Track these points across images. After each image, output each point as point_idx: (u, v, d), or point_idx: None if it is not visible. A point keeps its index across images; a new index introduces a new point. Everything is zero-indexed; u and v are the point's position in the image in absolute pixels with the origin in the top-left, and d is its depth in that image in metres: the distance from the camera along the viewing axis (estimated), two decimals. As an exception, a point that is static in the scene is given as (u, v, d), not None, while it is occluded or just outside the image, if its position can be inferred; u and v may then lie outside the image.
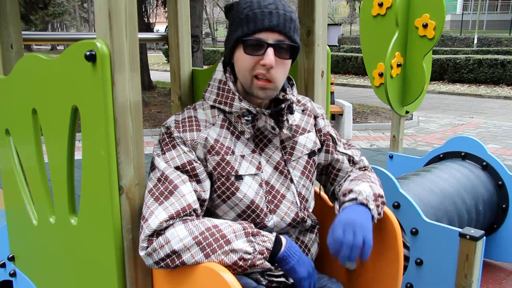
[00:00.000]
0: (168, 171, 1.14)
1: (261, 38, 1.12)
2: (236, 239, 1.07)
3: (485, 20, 28.07)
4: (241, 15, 1.15)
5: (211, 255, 1.05)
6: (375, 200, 1.25)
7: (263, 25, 1.12)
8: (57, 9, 24.15)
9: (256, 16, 1.12)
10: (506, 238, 2.70)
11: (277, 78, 1.16)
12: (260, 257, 1.07)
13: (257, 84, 1.16)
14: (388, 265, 1.34)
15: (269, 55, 1.12)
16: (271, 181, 1.26)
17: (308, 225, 1.33)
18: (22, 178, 1.48)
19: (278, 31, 1.13)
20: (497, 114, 9.24)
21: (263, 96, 1.18)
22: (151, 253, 1.06)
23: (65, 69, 1.14)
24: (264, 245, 1.08)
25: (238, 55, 1.17)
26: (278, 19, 1.12)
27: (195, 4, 8.92)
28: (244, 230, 1.09)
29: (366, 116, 8.50)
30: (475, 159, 2.75)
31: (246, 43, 1.14)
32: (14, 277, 1.63)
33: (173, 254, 1.05)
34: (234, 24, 1.18)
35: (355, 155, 1.42)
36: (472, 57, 13.80)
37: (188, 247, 1.05)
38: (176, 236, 1.06)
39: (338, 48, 19.93)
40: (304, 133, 1.33)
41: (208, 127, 1.21)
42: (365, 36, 3.10)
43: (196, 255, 1.05)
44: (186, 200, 1.11)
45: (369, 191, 1.26)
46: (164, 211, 1.08)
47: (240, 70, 1.18)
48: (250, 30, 1.13)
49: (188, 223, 1.08)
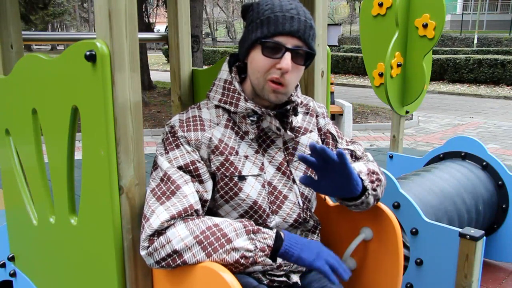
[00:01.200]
0: (170, 171, 1.14)
1: (280, 41, 1.12)
2: (237, 237, 1.07)
3: (485, 20, 28.08)
4: (262, 17, 1.14)
5: (213, 254, 1.05)
6: (368, 175, 1.24)
7: (283, 29, 1.12)
8: (57, 9, 24.14)
9: (277, 19, 1.12)
10: (506, 238, 2.70)
11: (290, 83, 1.16)
12: (262, 254, 1.08)
13: (270, 87, 1.15)
14: (388, 265, 1.34)
15: (286, 59, 1.12)
16: (274, 182, 1.26)
17: (310, 225, 1.33)
18: (22, 178, 1.48)
19: (298, 37, 1.13)
20: (497, 114, 9.24)
21: (274, 99, 1.17)
22: (152, 252, 1.06)
23: (65, 69, 1.14)
24: (265, 242, 1.09)
25: (254, 55, 1.17)
26: (299, 25, 1.13)
27: (195, 4, 8.92)
28: (244, 228, 1.09)
29: (366, 116, 8.50)
30: (475, 159, 2.75)
31: (265, 45, 1.14)
32: (14, 277, 1.63)
33: (174, 253, 1.05)
34: (253, 24, 1.17)
35: (357, 150, 1.41)
36: (472, 57, 13.79)
37: (189, 246, 1.05)
38: (177, 235, 1.06)
39: (338, 48, 19.93)
40: (306, 133, 1.34)
41: (212, 127, 1.21)
42: (365, 36, 3.10)
43: (197, 255, 1.05)
44: (188, 200, 1.11)
45: (362, 167, 1.26)
46: (165, 211, 1.08)
47: (255, 71, 1.17)
48: (270, 33, 1.12)
49: (189, 223, 1.08)
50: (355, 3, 32.76)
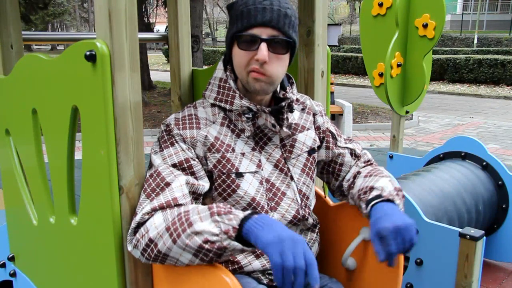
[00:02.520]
0: (161, 168, 1.14)
1: (254, 33, 1.14)
2: (200, 220, 0.99)
3: (485, 20, 28.08)
4: (237, 12, 1.17)
5: (177, 240, 1.00)
6: (397, 195, 1.24)
7: (256, 21, 1.13)
8: (57, 9, 24.15)
9: (249, 12, 1.14)
10: (506, 238, 2.70)
11: (273, 73, 1.17)
12: (225, 237, 0.97)
13: (252, 76, 1.16)
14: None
15: (262, 50, 1.13)
16: (272, 179, 1.26)
17: (309, 223, 1.33)
18: (22, 178, 1.48)
19: (271, 27, 1.13)
20: (497, 114, 9.23)
21: (258, 88, 1.17)
22: (136, 244, 1.07)
23: (65, 69, 1.14)
24: (230, 224, 0.98)
25: (234, 51, 1.19)
26: (271, 15, 1.13)
27: (195, 4, 8.91)
28: (209, 210, 1.01)
29: (366, 116, 8.50)
30: (475, 159, 2.75)
31: (241, 39, 1.16)
32: (14, 277, 1.63)
33: (151, 243, 1.04)
34: (231, 21, 1.20)
35: (356, 148, 1.42)
36: (472, 57, 13.79)
37: (161, 234, 1.03)
38: (152, 224, 1.05)
39: (338, 48, 19.93)
40: (303, 131, 1.34)
41: (208, 125, 1.22)
42: (365, 36, 3.10)
43: (166, 242, 1.02)
44: (173, 194, 1.10)
45: (390, 186, 1.25)
46: (149, 205, 1.08)
47: (237, 66, 1.19)
48: (243, 26, 1.14)
49: (166, 211, 1.07)
50: (355, 3, 32.73)
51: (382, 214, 1.16)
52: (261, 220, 0.98)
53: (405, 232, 1.12)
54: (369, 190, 1.26)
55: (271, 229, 0.96)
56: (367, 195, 1.25)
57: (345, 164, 1.40)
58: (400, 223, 1.12)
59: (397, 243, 1.11)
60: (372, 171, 1.35)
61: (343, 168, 1.41)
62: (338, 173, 1.41)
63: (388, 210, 1.18)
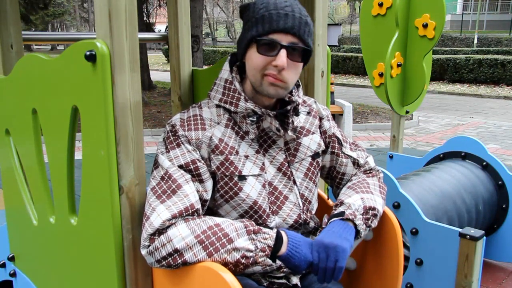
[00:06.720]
0: (171, 170, 1.14)
1: (275, 39, 1.13)
2: (238, 237, 1.07)
3: (485, 20, 28.08)
4: (257, 15, 1.15)
5: (214, 253, 1.05)
6: (364, 214, 1.23)
7: (278, 26, 1.12)
8: (57, 9, 24.14)
9: (271, 17, 1.12)
10: (506, 238, 2.70)
11: (288, 79, 1.16)
12: (262, 255, 1.08)
13: (268, 80, 1.15)
14: (388, 265, 1.34)
15: (281, 57, 1.12)
16: (274, 182, 1.26)
17: (311, 227, 1.33)
18: (22, 178, 1.48)
19: (292, 34, 1.13)
20: (497, 114, 9.23)
21: (273, 93, 1.17)
22: (153, 251, 1.06)
23: (65, 69, 1.14)
24: (265, 243, 1.09)
25: (251, 54, 1.17)
26: (293, 22, 1.13)
27: (195, 4, 8.91)
28: (245, 228, 1.10)
29: (366, 116, 8.49)
30: (475, 159, 2.75)
31: (260, 43, 1.14)
32: (14, 277, 1.63)
33: (175, 252, 1.05)
34: (249, 23, 1.17)
35: (360, 157, 1.41)
36: (472, 57, 13.79)
37: (191, 246, 1.05)
38: (178, 234, 1.06)
39: (338, 48, 19.93)
40: (308, 135, 1.33)
41: (213, 126, 1.21)
42: (365, 36, 3.10)
43: (198, 254, 1.05)
44: (189, 200, 1.11)
45: (359, 204, 1.25)
46: (167, 210, 1.08)
47: (251, 69, 1.18)
48: (265, 31, 1.13)
49: (190, 222, 1.08)
50: (355, 3, 32.75)
51: (328, 229, 1.19)
52: (296, 249, 1.12)
53: (331, 251, 1.13)
54: (339, 204, 1.27)
55: (301, 258, 1.12)
56: (334, 210, 1.27)
57: (347, 174, 1.41)
58: (329, 242, 1.13)
59: (319, 258, 1.13)
60: (355, 184, 1.34)
61: (344, 177, 1.41)
62: (339, 181, 1.42)
63: (335, 228, 1.19)
